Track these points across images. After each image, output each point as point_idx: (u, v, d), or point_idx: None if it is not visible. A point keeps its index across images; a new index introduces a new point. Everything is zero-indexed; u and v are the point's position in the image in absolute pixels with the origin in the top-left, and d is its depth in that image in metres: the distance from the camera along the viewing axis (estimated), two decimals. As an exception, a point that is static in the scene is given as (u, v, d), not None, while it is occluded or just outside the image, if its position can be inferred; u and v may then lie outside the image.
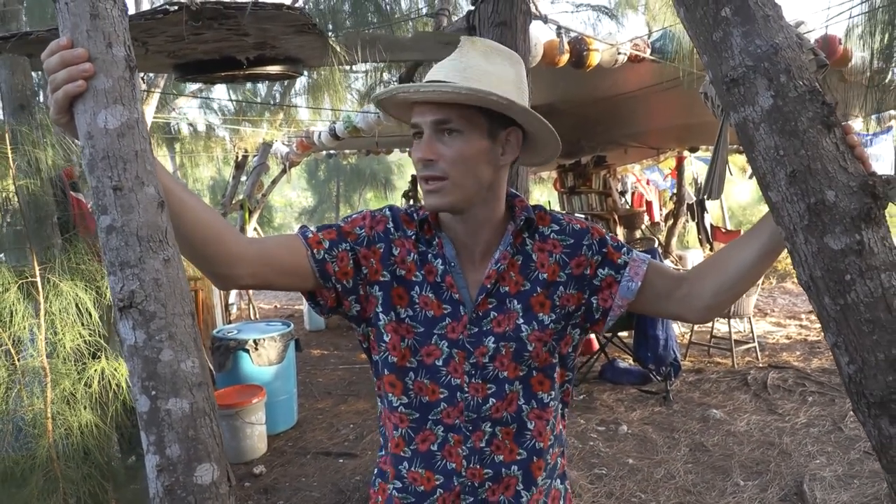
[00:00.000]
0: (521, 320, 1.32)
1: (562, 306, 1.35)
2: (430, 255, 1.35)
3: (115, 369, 2.97)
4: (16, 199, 2.96)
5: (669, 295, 1.39)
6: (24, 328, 2.83)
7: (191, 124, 10.10)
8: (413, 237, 1.37)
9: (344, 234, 1.35)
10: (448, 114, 1.24)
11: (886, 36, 2.50)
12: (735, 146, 6.56)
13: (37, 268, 2.87)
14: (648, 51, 4.54)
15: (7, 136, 2.84)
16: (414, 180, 10.09)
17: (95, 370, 2.92)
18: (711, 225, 11.03)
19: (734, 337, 6.77)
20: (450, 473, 1.34)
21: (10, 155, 2.83)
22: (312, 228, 1.37)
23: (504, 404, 1.33)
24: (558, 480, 1.46)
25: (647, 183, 13.24)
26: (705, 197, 1.57)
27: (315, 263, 1.30)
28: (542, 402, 1.36)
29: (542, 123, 1.30)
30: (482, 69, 1.26)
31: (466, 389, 1.32)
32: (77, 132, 0.96)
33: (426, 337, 1.33)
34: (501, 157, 1.30)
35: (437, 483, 1.35)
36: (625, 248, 1.40)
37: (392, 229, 1.38)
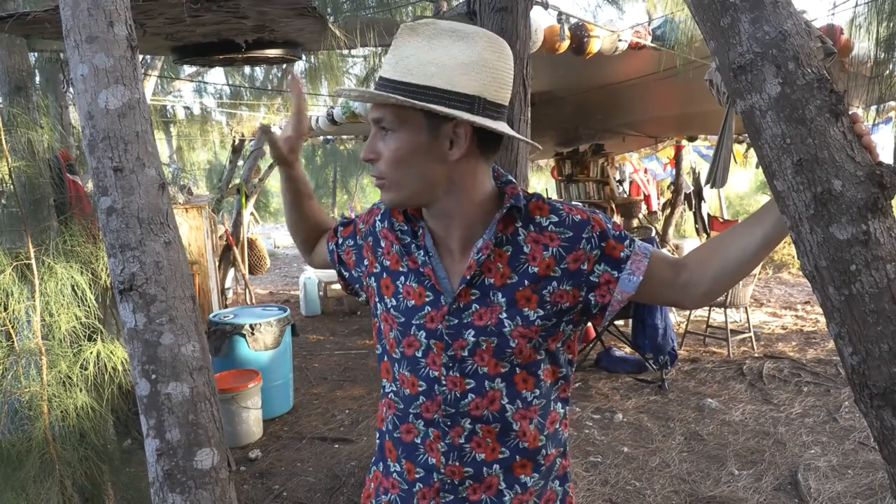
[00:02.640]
0: (505, 314, 1.26)
1: (553, 302, 1.27)
2: (413, 246, 1.32)
3: (111, 352, 2.96)
4: (10, 182, 2.94)
5: (669, 284, 1.33)
6: (20, 310, 2.82)
7: (187, 108, 10.06)
8: (399, 228, 1.35)
9: (356, 231, 1.48)
10: (381, 112, 1.21)
11: (890, 25, 2.49)
12: (736, 135, 6.55)
13: (31, 250, 2.85)
14: (649, 38, 4.52)
15: (0, 118, 2.81)
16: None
17: (91, 352, 2.91)
18: (709, 214, 11.01)
19: (730, 327, 6.78)
20: (430, 469, 1.31)
21: (2, 137, 2.81)
22: (340, 224, 1.58)
23: (484, 402, 1.27)
24: (556, 482, 1.39)
25: (645, 172, 13.22)
26: (710, 185, 1.55)
27: (330, 255, 1.54)
28: (527, 400, 1.30)
29: (471, 119, 1.18)
30: (416, 59, 1.18)
31: (444, 382, 1.27)
32: None
33: (406, 327, 1.30)
34: (450, 152, 1.21)
35: (418, 477, 1.32)
36: (627, 240, 1.32)
37: (378, 221, 1.41)
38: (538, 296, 1.27)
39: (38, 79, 4.31)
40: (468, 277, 1.27)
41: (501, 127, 1.22)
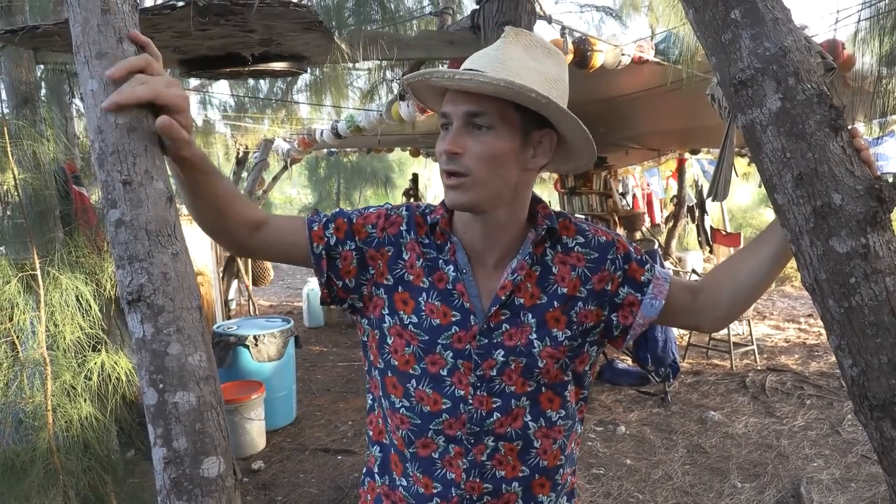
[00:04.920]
0: (535, 335, 1.26)
1: (579, 322, 1.29)
2: (440, 262, 1.29)
3: (115, 362, 2.97)
4: (16, 193, 2.96)
5: (688, 308, 1.36)
6: (25, 320, 2.83)
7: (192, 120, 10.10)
8: (424, 242, 1.31)
9: (354, 231, 1.32)
10: (483, 106, 1.17)
11: (891, 39, 2.50)
12: (738, 149, 6.56)
13: (37, 260, 2.87)
14: (652, 52, 4.54)
15: (6, 130, 2.84)
16: (415, 179, 10.06)
17: (95, 363, 2.92)
18: (711, 227, 11.03)
19: (733, 339, 6.77)
20: (448, 484, 1.29)
21: (9, 150, 2.83)
22: (323, 218, 1.34)
23: (509, 419, 1.27)
24: (564, 498, 1.41)
25: (647, 185, 13.23)
26: (711, 199, 1.57)
27: (314, 258, 1.31)
28: (551, 420, 1.31)
29: (580, 129, 1.23)
30: (524, 64, 1.18)
31: (470, 401, 1.26)
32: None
33: (431, 345, 1.27)
34: (531, 160, 1.23)
35: (435, 491, 1.30)
36: (648, 264, 1.34)
37: (405, 232, 1.32)
38: (566, 316, 1.28)
39: (43, 91, 4.35)
40: (502, 298, 1.26)
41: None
